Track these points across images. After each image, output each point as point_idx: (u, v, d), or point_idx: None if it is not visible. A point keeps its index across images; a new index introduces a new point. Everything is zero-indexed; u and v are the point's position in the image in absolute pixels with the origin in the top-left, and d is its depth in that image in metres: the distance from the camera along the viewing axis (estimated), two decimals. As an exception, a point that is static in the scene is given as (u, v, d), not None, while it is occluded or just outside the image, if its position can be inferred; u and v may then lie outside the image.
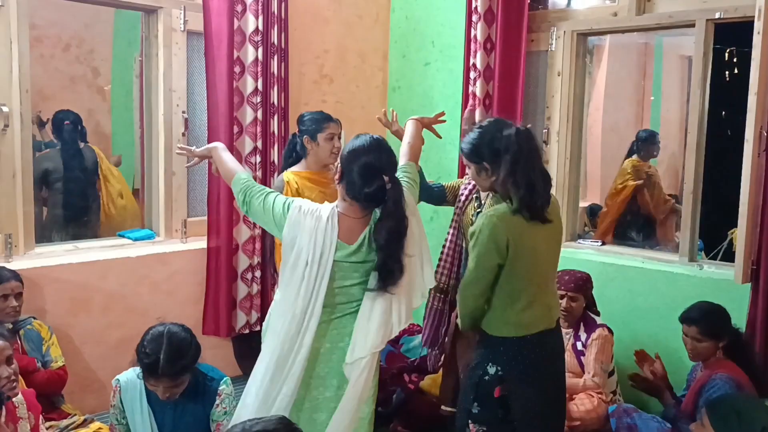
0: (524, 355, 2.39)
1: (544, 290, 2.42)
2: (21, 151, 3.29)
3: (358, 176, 2.31)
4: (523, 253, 2.34)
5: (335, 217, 2.34)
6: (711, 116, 3.59)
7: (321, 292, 2.32)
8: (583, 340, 3.44)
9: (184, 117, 3.84)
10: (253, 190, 2.41)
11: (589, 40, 4.16)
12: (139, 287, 3.65)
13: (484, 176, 2.40)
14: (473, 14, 3.99)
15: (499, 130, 2.34)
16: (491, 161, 2.35)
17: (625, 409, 3.24)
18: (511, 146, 2.29)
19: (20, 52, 3.24)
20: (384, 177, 2.30)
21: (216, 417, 2.57)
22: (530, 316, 2.38)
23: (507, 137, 2.31)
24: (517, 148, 2.29)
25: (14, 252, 3.32)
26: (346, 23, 4.51)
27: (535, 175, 2.30)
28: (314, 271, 2.31)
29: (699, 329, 2.89)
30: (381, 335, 2.31)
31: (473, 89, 4.02)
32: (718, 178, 3.73)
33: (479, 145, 2.38)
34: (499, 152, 2.31)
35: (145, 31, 3.83)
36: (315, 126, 3.12)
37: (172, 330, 2.48)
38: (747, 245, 3.09)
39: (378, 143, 2.37)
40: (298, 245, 2.33)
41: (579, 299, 3.40)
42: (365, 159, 2.32)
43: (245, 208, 2.44)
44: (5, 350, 2.40)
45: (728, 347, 2.90)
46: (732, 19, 3.43)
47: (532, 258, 2.37)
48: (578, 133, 4.09)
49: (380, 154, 2.34)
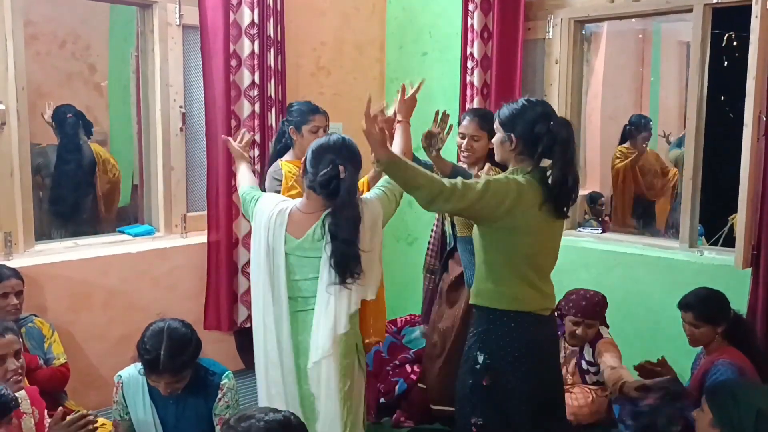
0: (513, 337, 2.33)
1: (541, 277, 2.39)
2: (18, 149, 3.29)
3: (314, 164, 2.38)
4: (528, 233, 2.31)
5: (287, 212, 2.44)
6: (710, 101, 3.57)
7: (281, 285, 2.42)
8: (587, 357, 3.34)
9: (182, 111, 3.83)
10: (246, 200, 2.62)
11: (587, 27, 4.14)
12: (139, 283, 3.65)
13: (506, 147, 2.36)
14: (470, 3, 3.98)
15: (546, 114, 2.31)
16: (521, 137, 2.31)
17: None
18: (559, 137, 2.26)
19: (15, 49, 3.23)
20: (339, 167, 2.35)
21: (218, 411, 2.57)
22: (524, 293, 2.34)
23: (554, 126, 2.28)
24: (566, 138, 2.27)
25: (14, 250, 3.32)
26: (342, 15, 4.50)
27: (576, 172, 2.32)
28: (270, 264, 2.43)
29: (695, 315, 2.89)
30: (330, 339, 2.36)
31: (471, 79, 4.01)
32: (718, 164, 3.72)
33: (518, 116, 2.33)
34: (534, 134, 2.28)
35: (140, 26, 3.82)
36: (300, 117, 3.11)
37: (173, 326, 2.48)
38: (747, 230, 3.08)
39: (342, 141, 2.43)
40: (257, 239, 2.47)
41: (595, 325, 3.30)
42: (324, 150, 2.39)
43: (249, 217, 2.63)
44: (14, 344, 2.42)
45: (730, 332, 2.89)
46: (729, 3, 3.42)
47: (533, 243, 2.34)
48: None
49: (342, 149, 2.39)
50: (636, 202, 4.89)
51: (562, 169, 2.27)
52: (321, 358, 2.38)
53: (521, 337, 2.33)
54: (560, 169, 2.27)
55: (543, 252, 2.39)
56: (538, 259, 2.37)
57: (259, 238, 2.46)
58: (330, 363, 2.39)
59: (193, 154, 3.94)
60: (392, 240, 4.59)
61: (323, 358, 2.38)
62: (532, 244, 2.34)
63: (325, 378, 2.40)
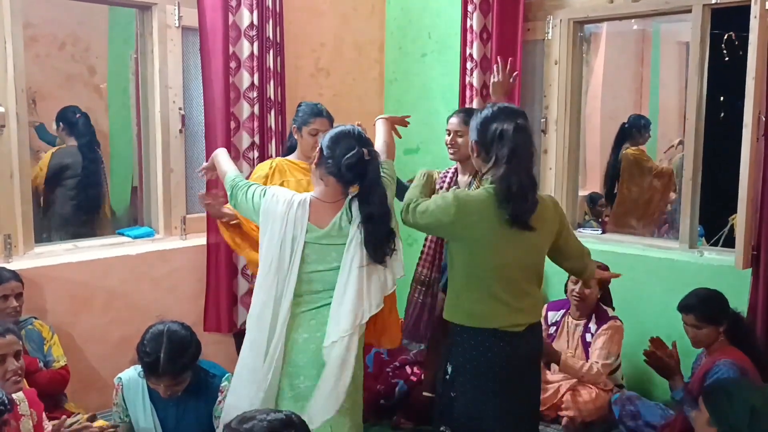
0: (474, 354, 2.30)
1: (511, 291, 2.31)
2: (18, 151, 3.29)
3: (333, 150, 2.38)
4: (486, 246, 2.28)
5: (307, 203, 2.43)
6: (709, 102, 3.57)
7: (292, 278, 2.40)
8: (593, 331, 3.43)
9: (181, 113, 3.83)
10: (238, 185, 2.55)
11: (586, 27, 4.15)
12: (139, 285, 3.65)
13: (472, 154, 2.39)
14: (469, 4, 3.98)
15: (501, 119, 2.27)
16: (481, 144, 2.31)
17: (629, 397, 3.27)
18: (507, 143, 2.22)
19: (15, 52, 3.23)
20: (363, 150, 2.37)
21: (218, 413, 2.57)
22: (483, 309, 2.30)
23: (504, 131, 2.23)
24: (513, 146, 2.22)
25: (14, 252, 3.31)
26: (341, 16, 4.50)
27: (522, 180, 2.22)
28: (286, 256, 2.40)
29: (696, 316, 2.89)
30: (352, 318, 2.36)
31: (470, 80, 4.01)
32: (718, 164, 3.72)
33: (477, 122, 2.34)
34: (490, 140, 2.26)
35: (139, 28, 3.82)
36: (303, 118, 3.12)
37: (172, 328, 2.48)
38: (747, 231, 3.08)
39: (356, 129, 2.45)
40: (270, 231, 2.43)
41: (592, 286, 3.41)
42: (343, 136, 2.42)
43: (233, 202, 2.57)
44: (14, 344, 2.42)
45: (730, 331, 2.89)
46: (728, 4, 3.42)
47: (495, 256, 2.29)
48: (576, 122, 4.08)
49: (359, 135, 2.43)
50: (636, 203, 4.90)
51: (506, 176, 2.21)
52: (338, 337, 2.36)
53: (483, 353, 2.30)
54: (505, 176, 2.21)
55: (511, 265, 2.31)
56: (504, 272, 2.31)
57: (274, 229, 2.42)
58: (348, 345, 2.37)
59: (192, 155, 3.93)
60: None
61: (340, 338, 2.36)
62: (493, 257, 2.29)
63: (332, 360, 2.37)
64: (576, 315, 3.53)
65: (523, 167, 2.24)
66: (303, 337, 2.42)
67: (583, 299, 3.44)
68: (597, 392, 3.37)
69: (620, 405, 3.22)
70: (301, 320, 2.42)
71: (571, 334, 3.53)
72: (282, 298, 2.40)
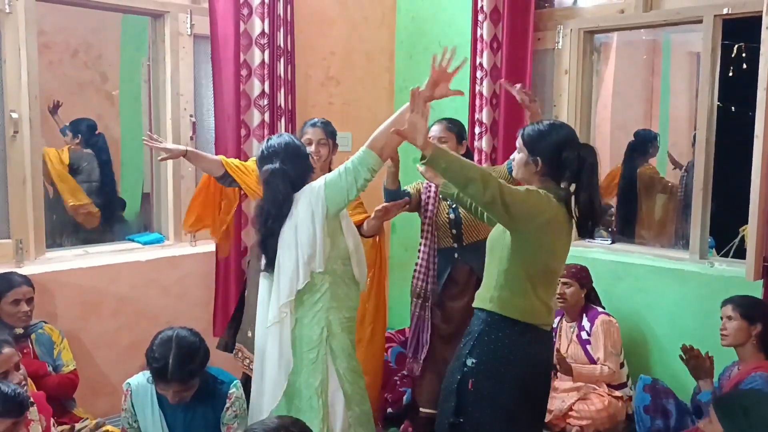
0: (507, 345, 2.33)
1: (551, 293, 2.45)
2: (31, 157, 3.31)
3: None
4: (553, 251, 2.37)
5: None
6: (720, 112, 3.56)
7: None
8: (587, 328, 3.49)
9: (192, 120, 3.86)
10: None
11: (596, 37, 4.14)
12: (149, 291, 3.66)
13: (530, 169, 2.36)
14: (479, 13, 3.98)
15: (573, 140, 2.34)
16: (547, 160, 2.33)
17: (665, 390, 3.16)
18: (587, 165, 2.31)
19: (29, 59, 3.26)
20: (270, 165, 2.64)
21: (226, 420, 2.57)
22: (536, 307, 2.37)
23: (584, 150, 2.33)
24: (593, 163, 2.33)
25: (25, 257, 3.34)
26: (351, 24, 4.52)
27: (599, 195, 2.36)
28: None
29: (733, 306, 2.91)
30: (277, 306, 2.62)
31: (480, 89, 4.01)
32: (730, 175, 3.70)
33: (544, 139, 2.33)
34: (561, 158, 2.30)
35: (152, 36, 3.85)
36: (301, 130, 3.29)
37: (181, 334, 2.49)
38: (758, 241, 3.06)
39: (284, 139, 2.71)
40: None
41: (573, 285, 3.50)
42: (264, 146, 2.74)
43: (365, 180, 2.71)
44: (14, 357, 2.44)
45: (763, 339, 2.84)
46: (740, 15, 3.41)
47: (557, 261, 2.41)
48: (586, 132, 4.07)
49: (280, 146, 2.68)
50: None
51: (591, 194, 2.32)
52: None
53: (517, 348, 2.34)
54: (588, 194, 2.32)
55: (559, 270, 2.47)
56: (554, 276, 2.45)
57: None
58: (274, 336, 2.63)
59: (203, 162, 3.95)
60: (400, 249, 4.58)
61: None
62: (553, 261, 2.39)
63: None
64: (568, 318, 3.61)
65: (599, 185, 2.38)
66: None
67: (566, 299, 3.51)
68: (609, 400, 3.35)
69: (651, 393, 3.12)
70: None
71: (567, 336, 3.58)
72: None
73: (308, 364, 2.62)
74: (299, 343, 2.63)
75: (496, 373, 2.34)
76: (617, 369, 3.43)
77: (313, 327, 2.63)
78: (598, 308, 3.57)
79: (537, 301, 2.36)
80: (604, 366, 3.40)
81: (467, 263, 3.15)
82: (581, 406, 3.35)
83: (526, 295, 2.34)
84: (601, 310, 3.55)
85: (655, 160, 5.04)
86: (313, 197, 2.58)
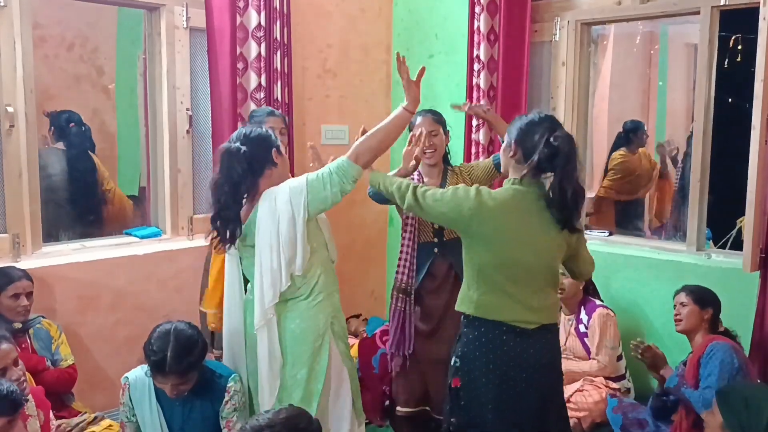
0: (482, 343, 2.31)
1: (525, 289, 2.32)
2: (27, 151, 3.30)
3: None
4: (497, 242, 2.29)
5: None
6: (718, 104, 3.56)
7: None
8: (585, 322, 3.51)
9: (189, 114, 3.84)
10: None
11: (593, 29, 4.13)
12: (146, 284, 3.66)
13: (507, 153, 2.38)
14: (476, 5, 3.97)
15: (549, 126, 2.29)
16: (520, 144, 2.31)
17: (630, 405, 3.23)
18: (561, 150, 2.24)
19: (24, 52, 3.25)
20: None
21: (225, 414, 2.57)
22: (491, 301, 2.31)
23: (561, 138, 2.25)
24: (568, 154, 2.24)
25: (22, 252, 3.33)
26: (348, 17, 4.50)
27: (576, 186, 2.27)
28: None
29: (686, 293, 3.02)
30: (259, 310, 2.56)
31: (477, 81, 4.01)
32: (726, 166, 3.71)
33: (522, 124, 2.33)
34: (533, 142, 2.27)
35: (147, 29, 3.83)
36: (258, 120, 3.22)
37: (179, 327, 2.49)
38: (755, 233, 3.07)
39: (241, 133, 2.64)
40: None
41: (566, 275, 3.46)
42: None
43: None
44: (12, 353, 2.43)
45: (712, 324, 2.97)
46: (737, 6, 3.41)
47: (509, 252, 2.29)
48: (584, 124, 4.07)
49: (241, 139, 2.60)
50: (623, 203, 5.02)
51: (561, 182, 2.24)
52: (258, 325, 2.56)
53: (490, 345, 2.30)
54: (559, 181, 2.24)
55: (524, 264, 2.31)
56: (516, 270, 2.31)
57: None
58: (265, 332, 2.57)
59: (199, 156, 3.95)
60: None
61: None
62: (508, 253, 2.29)
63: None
64: (567, 311, 3.63)
65: (575, 175, 2.27)
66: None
67: (563, 290, 3.50)
68: (607, 391, 3.37)
69: (622, 413, 3.19)
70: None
71: (566, 329, 3.61)
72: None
73: (313, 353, 2.59)
74: (303, 336, 2.58)
75: (472, 371, 2.33)
76: (609, 362, 3.44)
77: (318, 316, 2.59)
78: (597, 301, 3.57)
79: (499, 297, 2.30)
80: (594, 360, 3.44)
81: (447, 259, 3.10)
82: (579, 398, 3.36)
83: (480, 290, 2.32)
84: (599, 303, 3.56)
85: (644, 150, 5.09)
86: (294, 197, 2.50)
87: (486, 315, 2.32)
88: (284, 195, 2.51)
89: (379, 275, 4.79)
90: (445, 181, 3.10)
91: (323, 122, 4.43)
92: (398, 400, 3.25)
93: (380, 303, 4.76)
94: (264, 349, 2.56)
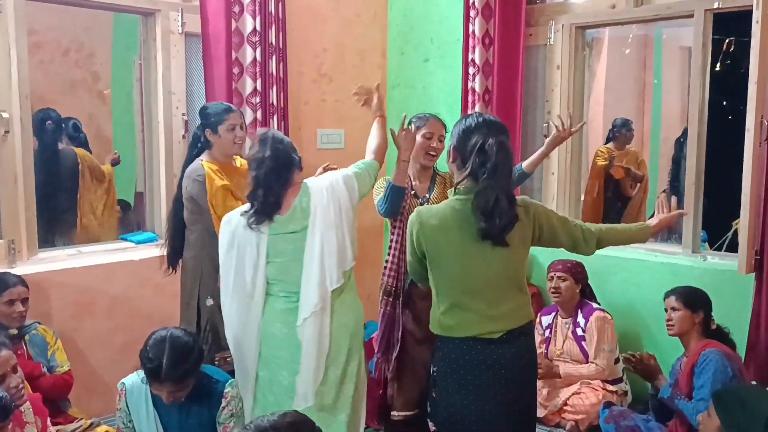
0: (451, 358, 2.30)
1: (480, 300, 2.27)
2: (22, 156, 3.30)
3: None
4: (445, 259, 2.26)
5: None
6: (712, 106, 3.57)
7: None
8: (582, 325, 3.51)
9: (184, 119, 3.85)
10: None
11: (588, 32, 4.15)
12: (142, 290, 3.66)
13: (449, 160, 2.35)
14: (471, 10, 3.99)
15: (484, 132, 2.22)
16: (456, 148, 2.29)
17: (621, 413, 3.23)
18: (489, 157, 2.17)
19: (19, 58, 3.25)
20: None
21: (222, 419, 2.57)
22: (453, 321, 2.28)
23: (488, 145, 2.18)
24: (495, 162, 2.17)
25: (18, 257, 3.32)
26: (344, 22, 4.51)
27: (500, 196, 2.16)
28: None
29: (676, 296, 3.00)
30: (319, 293, 2.56)
31: (472, 85, 4.02)
32: (721, 168, 3.72)
33: (460, 128, 2.29)
34: (470, 150, 2.22)
35: (143, 35, 3.84)
36: (216, 118, 3.12)
37: (175, 334, 2.48)
38: (750, 235, 3.08)
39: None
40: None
41: (567, 279, 3.54)
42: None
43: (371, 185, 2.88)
44: (11, 359, 2.43)
45: (704, 327, 2.95)
46: (730, 9, 3.42)
47: (460, 268, 2.26)
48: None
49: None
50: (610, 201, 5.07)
51: (486, 190, 2.16)
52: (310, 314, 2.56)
53: (460, 361, 2.29)
54: (483, 190, 2.17)
55: (481, 277, 2.26)
56: (471, 284, 2.27)
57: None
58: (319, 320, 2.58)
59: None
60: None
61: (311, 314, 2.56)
62: (458, 269, 2.26)
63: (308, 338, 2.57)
64: (564, 314, 3.63)
65: (502, 184, 2.19)
66: (282, 331, 2.62)
67: (560, 293, 3.54)
68: (604, 394, 3.38)
69: (614, 422, 3.18)
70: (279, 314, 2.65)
71: (563, 333, 3.61)
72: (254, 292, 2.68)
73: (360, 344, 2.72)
74: (357, 328, 2.71)
75: (446, 388, 2.33)
76: (607, 366, 3.44)
77: (356, 311, 2.72)
78: (594, 304, 3.58)
79: (459, 314, 2.27)
80: (592, 364, 3.45)
81: None
82: (576, 401, 3.37)
83: (441, 309, 2.31)
84: (596, 306, 3.57)
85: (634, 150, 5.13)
86: (348, 184, 2.64)
87: (451, 333, 2.31)
88: (340, 181, 2.64)
89: (375, 279, 4.74)
90: (433, 186, 3.10)
91: (319, 126, 4.44)
92: (395, 404, 3.24)
93: (377, 307, 4.73)
94: (313, 338, 2.57)
